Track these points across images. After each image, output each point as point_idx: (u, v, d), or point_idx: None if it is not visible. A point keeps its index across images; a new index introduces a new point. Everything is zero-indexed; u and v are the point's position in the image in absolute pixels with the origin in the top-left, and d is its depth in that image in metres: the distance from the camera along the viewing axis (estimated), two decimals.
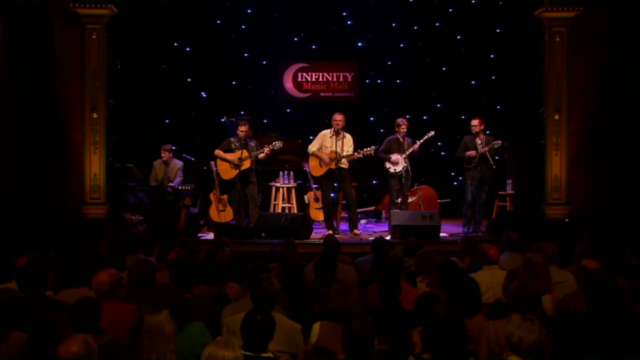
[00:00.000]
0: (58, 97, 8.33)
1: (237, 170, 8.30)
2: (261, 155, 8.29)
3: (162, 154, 9.04)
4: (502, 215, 9.02)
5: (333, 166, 8.19)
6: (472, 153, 8.32)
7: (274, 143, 8.30)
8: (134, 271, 4.35)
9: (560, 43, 8.28)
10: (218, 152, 8.47)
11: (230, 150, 8.44)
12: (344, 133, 8.26)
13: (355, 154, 8.14)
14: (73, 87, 8.30)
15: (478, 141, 8.37)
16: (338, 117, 8.20)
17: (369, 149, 8.11)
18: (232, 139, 8.51)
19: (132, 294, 4.21)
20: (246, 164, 8.28)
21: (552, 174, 8.31)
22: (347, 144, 8.25)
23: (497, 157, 8.44)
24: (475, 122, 8.45)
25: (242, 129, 8.32)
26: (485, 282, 4.71)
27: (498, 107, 10.72)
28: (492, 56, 10.72)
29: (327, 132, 8.35)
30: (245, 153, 8.27)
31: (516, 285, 3.75)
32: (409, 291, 4.45)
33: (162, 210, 8.40)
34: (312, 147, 8.40)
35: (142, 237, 6.18)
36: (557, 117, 8.32)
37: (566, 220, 8.20)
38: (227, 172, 8.46)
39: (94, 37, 8.20)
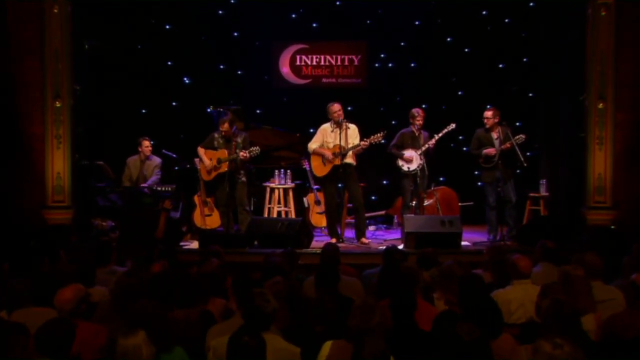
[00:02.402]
0: (13, 83, 8.32)
1: (215, 172, 8.30)
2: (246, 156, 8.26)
3: (143, 147, 8.95)
4: (534, 220, 9.02)
5: (338, 162, 8.15)
6: (491, 151, 8.27)
7: (251, 149, 8.19)
8: (121, 285, 4.37)
9: (607, 17, 8.20)
10: (200, 149, 8.49)
11: (214, 149, 8.42)
12: (347, 124, 8.19)
13: (362, 143, 8.05)
14: (31, 71, 8.30)
15: (494, 136, 8.32)
16: (335, 108, 8.15)
17: (376, 135, 8.04)
18: (215, 135, 8.47)
19: (117, 311, 4.20)
20: (224, 167, 8.25)
21: (595, 172, 8.26)
22: (352, 136, 8.18)
23: (528, 153, 8.38)
24: (488, 113, 8.39)
25: (222, 128, 8.29)
26: (515, 299, 4.69)
27: (530, 94, 10.71)
28: (523, 34, 10.68)
29: (327, 127, 8.31)
30: (224, 154, 8.25)
31: (547, 302, 3.72)
32: (426, 309, 4.44)
33: (138, 214, 8.38)
34: (312, 145, 8.36)
35: (113, 246, 6.17)
36: (601, 105, 8.28)
37: (612, 227, 8.16)
38: (207, 173, 8.46)
39: (55, 11, 8.18)
